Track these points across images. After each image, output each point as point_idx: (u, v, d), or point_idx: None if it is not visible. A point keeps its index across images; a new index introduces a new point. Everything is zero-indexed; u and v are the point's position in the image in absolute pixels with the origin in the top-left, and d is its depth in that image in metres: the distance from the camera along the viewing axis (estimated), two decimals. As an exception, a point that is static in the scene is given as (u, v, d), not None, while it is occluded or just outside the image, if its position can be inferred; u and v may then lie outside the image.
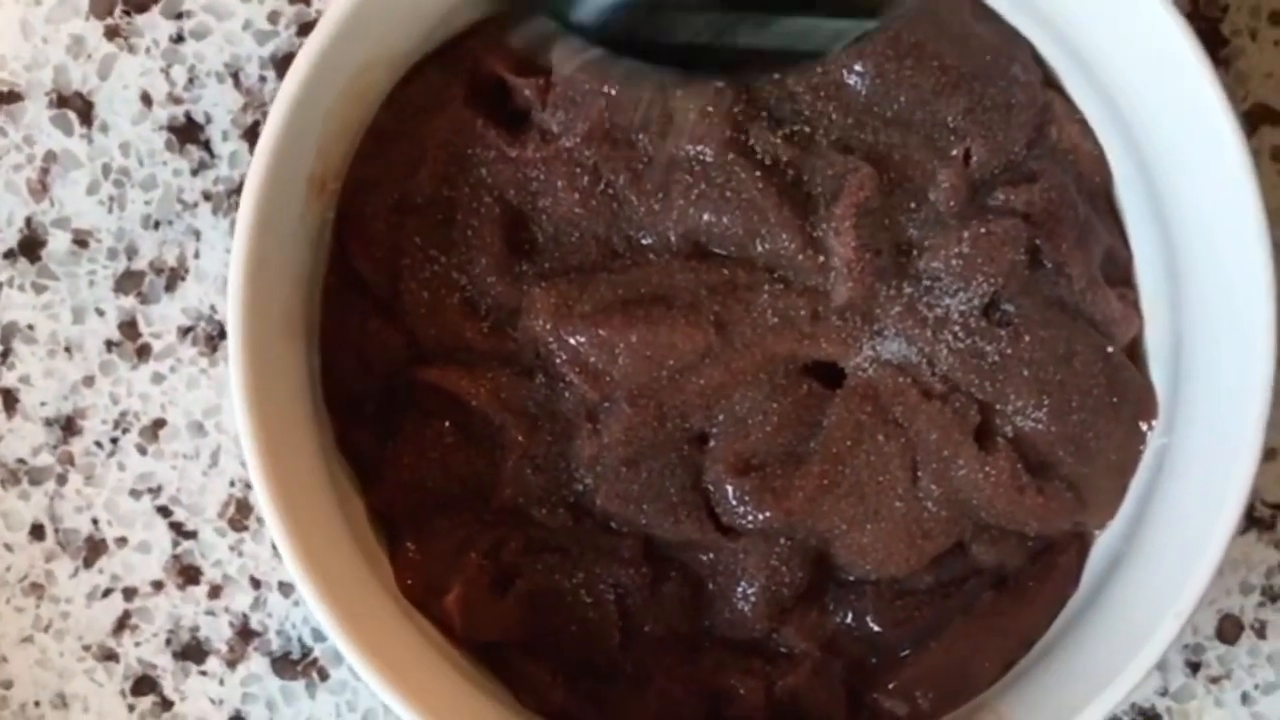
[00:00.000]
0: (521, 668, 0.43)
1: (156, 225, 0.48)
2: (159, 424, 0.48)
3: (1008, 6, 0.43)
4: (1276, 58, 0.48)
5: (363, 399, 0.43)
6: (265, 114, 0.47)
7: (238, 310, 0.39)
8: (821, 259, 0.42)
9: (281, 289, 0.41)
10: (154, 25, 0.48)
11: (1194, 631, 0.48)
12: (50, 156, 0.48)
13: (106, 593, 0.48)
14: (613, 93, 0.42)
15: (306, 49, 0.39)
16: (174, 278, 0.48)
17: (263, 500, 0.40)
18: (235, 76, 0.48)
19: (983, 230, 0.42)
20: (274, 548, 0.47)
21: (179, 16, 0.48)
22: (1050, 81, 0.44)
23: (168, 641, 0.48)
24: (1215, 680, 0.48)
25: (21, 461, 0.48)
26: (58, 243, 0.48)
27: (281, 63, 0.47)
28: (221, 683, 0.48)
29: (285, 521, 0.40)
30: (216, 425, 0.48)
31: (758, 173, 0.41)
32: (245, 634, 0.48)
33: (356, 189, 0.43)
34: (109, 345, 0.48)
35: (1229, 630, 0.48)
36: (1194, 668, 0.48)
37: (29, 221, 0.48)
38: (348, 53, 0.40)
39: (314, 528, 0.40)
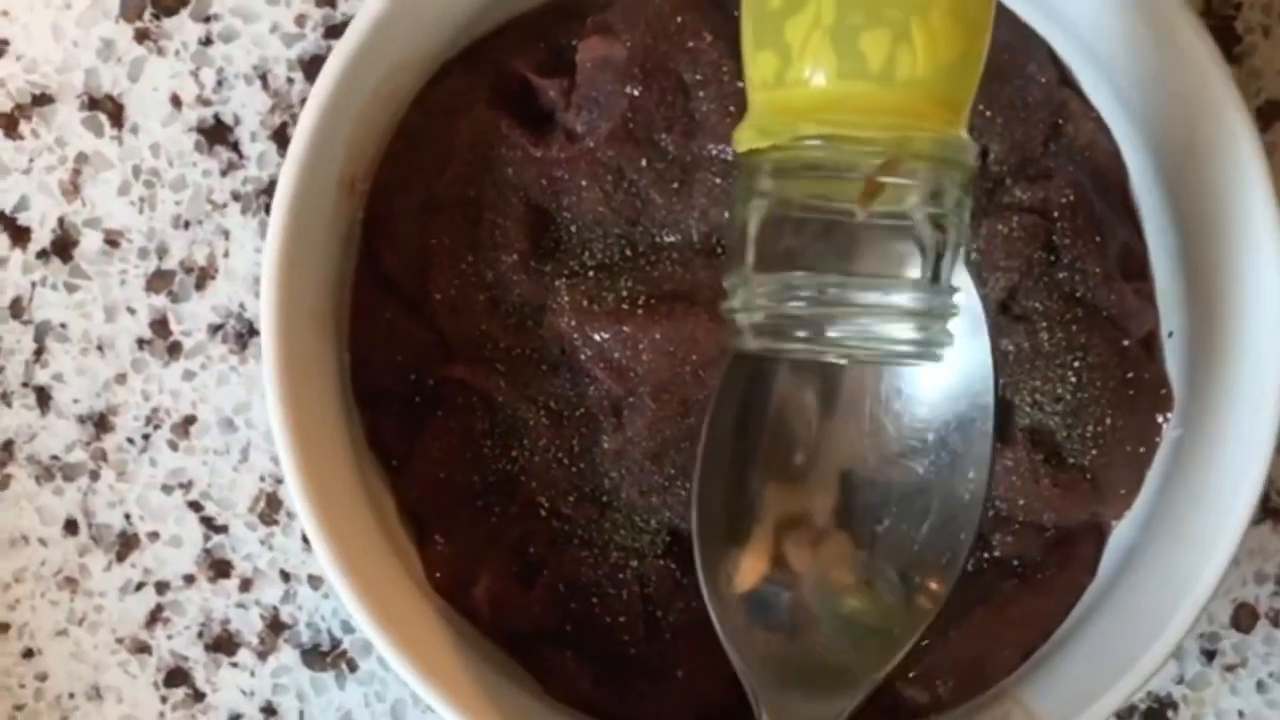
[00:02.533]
0: (548, 658, 0.43)
1: (186, 225, 0.48)
2: (190, 420, 0.49)
3: (1023, 6, 0.44)
4: (1289, 54, 0.48)
5: (391, 395, 0.44)
6: (293, 115, 0.48)
7: (271, 308, 0.40)
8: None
9: (312, 287, 0.42)
10: (183, 28, 0.48)
11: (1209, 620, 0.49)
12: (82, 158, 0.48)
13: (139, 586, 0.49)
14: (635, 93, 0.42)
15: (337, 53, 0.40)
16: (204, 276, 0.48)
17: (295, 494, 0.40)
18: (263, 78, 0.48)
19: (1000, 227, 0.42)
20: (304, 541, 0.48)
21: (207, 20, 0.48)
22: (1066, 80, 0.44)
23: (199, 634, 0.49)
24: (1230, 668, 0.49)
25: (55, 458, 0.49)
26: (89, 242, 0.48)
27: (309, 65, 0.48)
28: (252, 674, 0.49)
29: (317, 514, 0.40)
30: (246, 421, 0.49)
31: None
32: (275, 626, 0.49)
33: (385, 189, 0.43)
34: (140, 343, 0.49)
35: (1244, 619, 0.49)
36: (1209, 656, 0.49)
37: (61, 222, 0.48)
38: (377, 56, 0.40)
39: (344, 521, 0.41)
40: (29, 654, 0.49)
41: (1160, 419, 0.44)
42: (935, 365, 0.36)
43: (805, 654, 0.40)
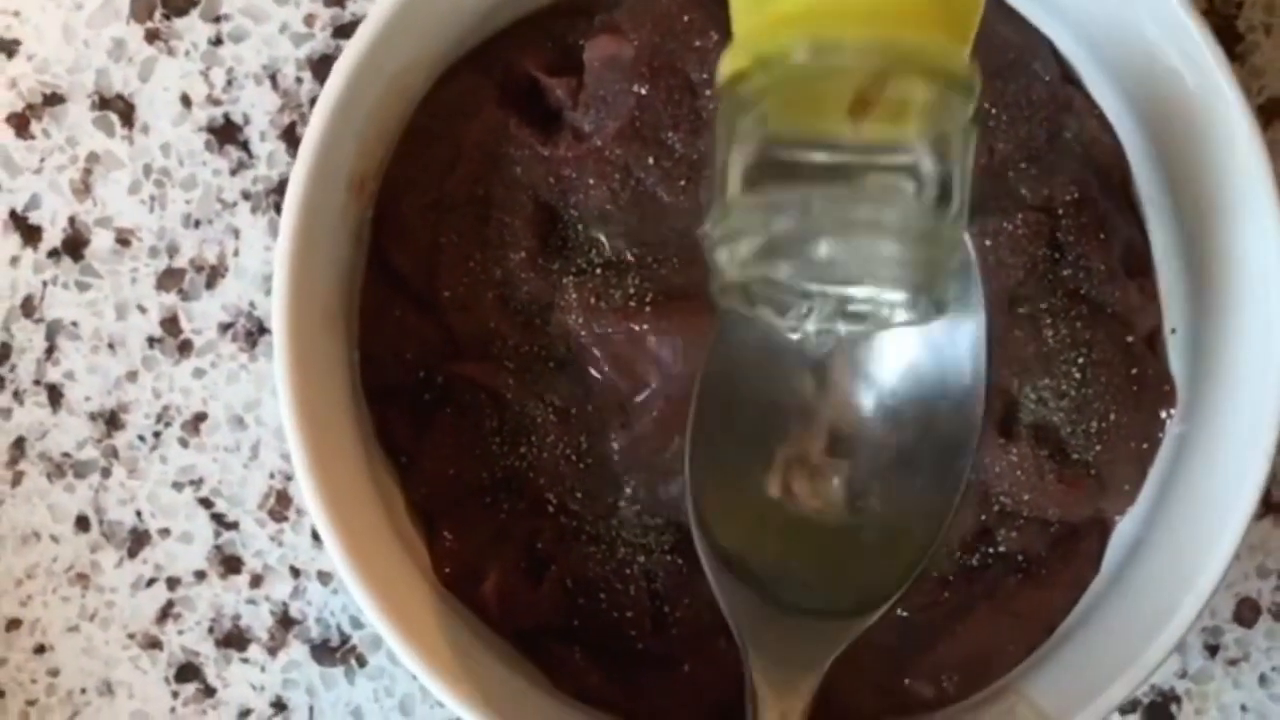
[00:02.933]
0: (556, 653, 0.44)
1: (196, 224, 0.49)
2: (200, 418, 0.49)
3: (1027, 4, 0.44)
4: (1291, 52, 0.48)
5: (400, 392, 0.44)
6: (302, 115, 0.48)
7: (282, 307, 0.40)
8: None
9: (323, 286, 0.42)
10: (193, 28, 0.49)
11: (1212, 615, 0.49)
12: (93, 157, 0.49)
13: (150, 582, 0.49)
14: (643, 92, 0.43)
15: (347, 54, 0.40)
16: (214, 275, 0.49)
17: (306, 490, 0.40)
18: (273, 78, 0.49)
19: (1005, 224, 0.43)
20: (314, 537, 0.49)
21: (217, 20, 0.49)
22: (1069, 77, 0.44)
23: (210, 630, 0.49)
24: (1233, 662, 0.49)
25: (67, 455, 0.49)
26: (100, 241, 0.49)
27: (318, 64, 0.48)
28: (263, 669, 0.49)
29: (328, 510, 0.40)
30: (256, 419, 0.49)
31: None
32: (285, 622, 0.49)
33: (395, 189, 0.44)
34: (151, 341, 0.49)
35: (1246, 613, 0.49)
36: (1212, 650, 0.49)
37: (72, 221, 0.49)
38: (387, 57, 0.41)
39: (354, 516, 0.41)
40: (41, 650, 0.49)
41: (1164, 415, 0.44)
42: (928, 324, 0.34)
43: (792, 601, 0.40)
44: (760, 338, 0.40)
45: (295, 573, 0.49)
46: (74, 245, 0.49)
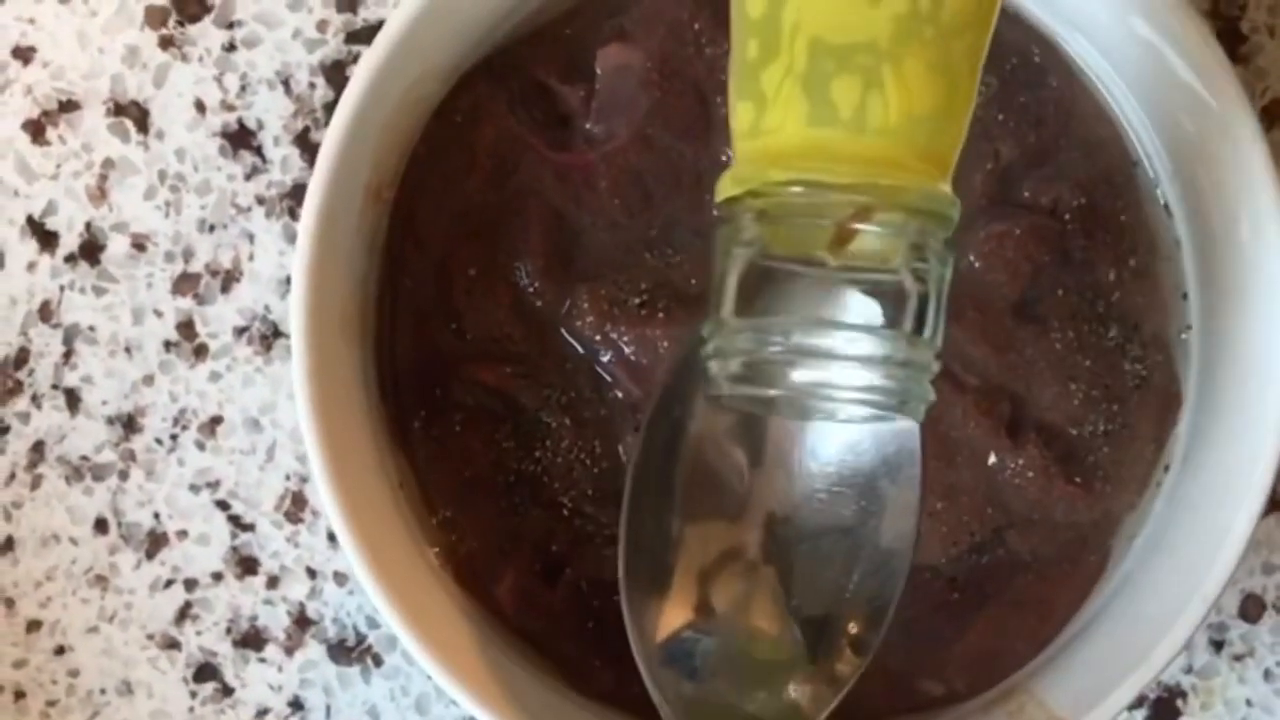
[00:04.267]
0: (572, 653, 0.44)
1: (211, 229, 0.49)
2: (216, 421, 0.49)
3: (1033, 9, 0.44)
4: (1295, 54, 0.49)
5: (416, 397, 0.44)
6: (315, 120, 0.49)
7: (300, 313, 0.41)
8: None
9: (340, 292, 0.42)
10: (206, 34, 0.49)
11: (1218, 611, 0.50)
12: (108, 163, 0.49)
13: (168, 584, 0.50)
14: (653, 99, 0.43)
15: (364, 64, 0.41)
16: (229, 279, 0.49)
17: (324, 493, 0.41)
18: (286, 84, 0.49)
19: (1012, 229, 0.43)
20: (329, 539, 0.49)
21: (230, 26, 0.49)
22: (1075, 82, 0.45)
23: (227, 630, 0.50)
24: (1239, 658, 0.50)
25: (85, 458, 0.49)
26: (116, 246, 0.49)
27: (330, 70, 0.49)
28: (280, 669, 0.50)
29: (345, 513, 0.41)
30: (272, 421, 0.49)
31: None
32: (302, 622, 0.50)
33: (410, 196, 0.44)
34: (167, 345, 0.49)
35: (1252, 609, 0.49)
36: (1218, 646, 0.50)
37: (89, 226, 0.49)
38: (403, 66, 0.41)
39: (371, 519, 0.42)
40: (60, 651, 0.50)
41: (1171, 415, 0.45)
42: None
43: (726, 703, 0.40)
44: (690, 426, 0.41)
45: (311, 574, 0.49)
46: (90, 250, 0.49)
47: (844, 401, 0.35)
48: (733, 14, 0.35)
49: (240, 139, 0.49)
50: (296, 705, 0.50)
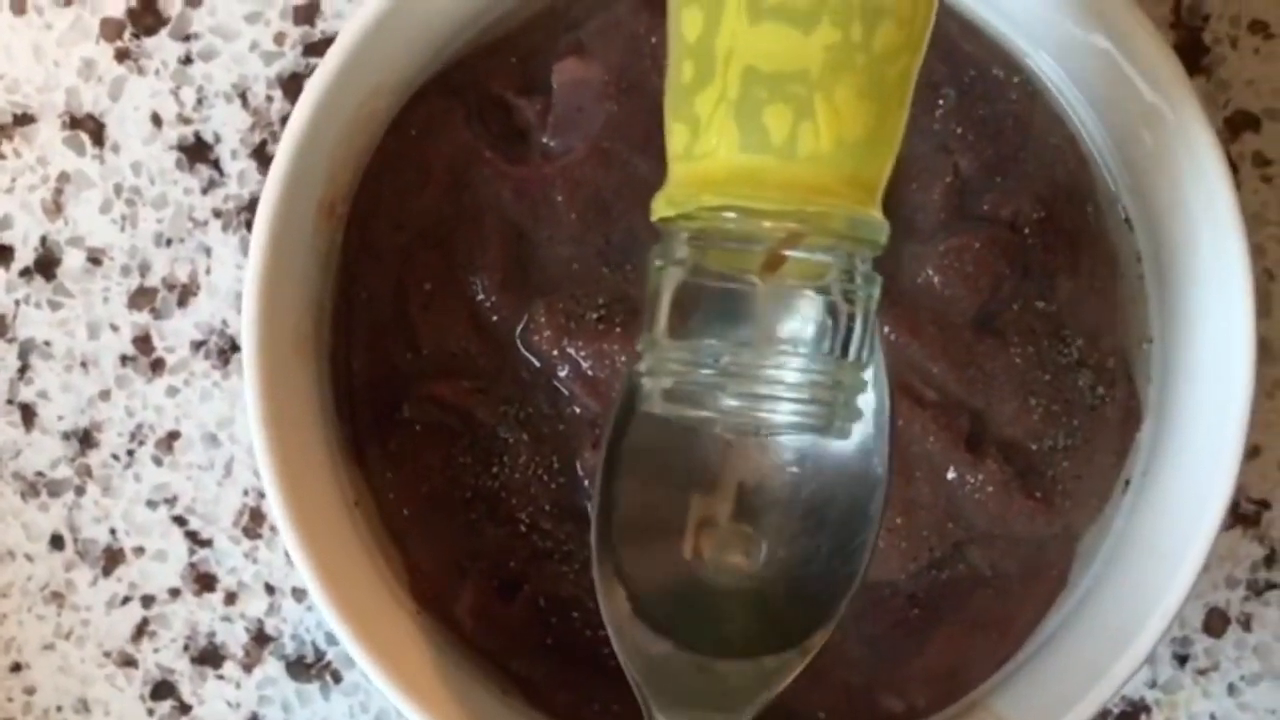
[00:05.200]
0: (530, 670, 0.44)
1: (168, 243, 0.49)
2: (174, 436, 0.49)
3: (990, 21, 0.44)
4: (1257, 65, 0.49)
5: (372, 412, 0.44)
6: (273, 133, 0.48)
7: (252, 329, 0.40)
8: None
9: (293, 309, 0.42)
10: (162, 47, 0.49)
11: (1181, 625, 0.49)
12: (64, 177, 0.49)
13: (125, 600, 0.49)
14: (610, 112, 0.43)
15: (317, 77, 0.40)
16: (186, 293, 0.49)
17: (276, 510, 0.41)
18: (243, 96, 0.49)
19: (971, 242, 0.43)
20: (287, 555, 0.49)
21: (187, 39, 0.49)
22: (1034, 95, 0.45)
23: (185, 647, 0.49)
24: (1203, 672, 0.50)
25: (40, 474, 0.49)
26: (72, 260, 0.49)
27: (288, 82, 0.49)
28: (238, 686, 0.49)
29: (298, 531, 0.41)
30: (230, 436, 0.49)
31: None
32: (260, 639, 0.49)
33: (364, 211, 0.44)
34: (124, 360, 0.49)
35: (1216, 623, 0.49)
36: (1182, 660, 0.50)
37: (44, 240, 0.49)
38: (355, 80, 0.41)
39: (326, 536, 0.42)
40: (16, 668, 0.49)
41: (1131, 429, 0.44)
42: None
43: (698, 667, 0.40)
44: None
45: (270, 590, 0.49)
46: (46, 265, 0.49)
47: (774, 424, 0.35)
48: (669, 35, 0.35)
49: (197, 152, 0.49)
50: (255, 723, 0.49)
